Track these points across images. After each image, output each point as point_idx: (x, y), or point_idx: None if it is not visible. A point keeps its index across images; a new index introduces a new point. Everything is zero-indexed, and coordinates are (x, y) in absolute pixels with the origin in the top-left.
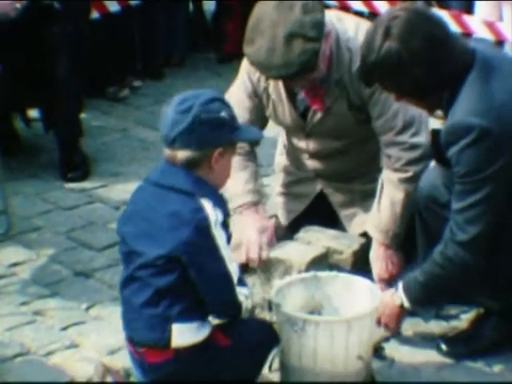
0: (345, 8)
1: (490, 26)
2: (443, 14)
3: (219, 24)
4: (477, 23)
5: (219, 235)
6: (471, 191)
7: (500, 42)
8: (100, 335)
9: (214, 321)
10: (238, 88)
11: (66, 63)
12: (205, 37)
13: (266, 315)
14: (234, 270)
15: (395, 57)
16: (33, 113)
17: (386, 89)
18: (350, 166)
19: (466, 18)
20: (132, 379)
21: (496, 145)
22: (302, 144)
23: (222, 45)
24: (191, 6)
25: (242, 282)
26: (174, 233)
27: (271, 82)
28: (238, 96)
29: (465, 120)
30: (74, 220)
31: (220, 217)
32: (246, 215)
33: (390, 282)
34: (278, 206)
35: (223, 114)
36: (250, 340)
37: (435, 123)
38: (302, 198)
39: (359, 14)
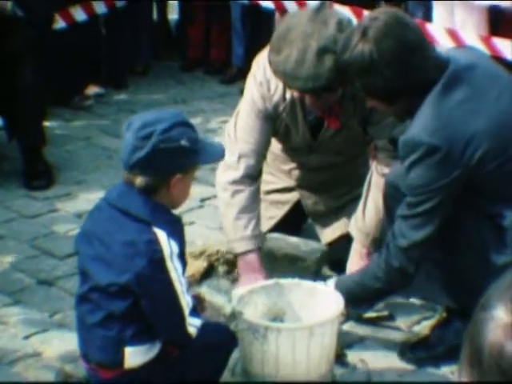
0: None
1: (451, 33)
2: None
3: (182, 31)
4: (438, 31)
5: (174, 268)
6: (419, 202)
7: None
8: (63, 343)
9: None
10: (250, 110)
11: (29, 71)
12: (168, 45)
13: None
14: (186, 302)
15: (367, 57)
16: None
17: (358, 89)
18: (336, 179)
19: (429, 25)
20: None
21: (444, 161)
22: (301, 159)
23: (185, 52)
24: (155, 14)
25: (195, 313)
26: (128, 262)
27: (288, 107)
28: (250, 118)
29: (415, 136)
30: (36, 228)
31: (175, 248)
32: (250, 263)
33: None
34: None
35: (183, 141)
36: (203, 345)
37: None
38: (281, 205)
39: None
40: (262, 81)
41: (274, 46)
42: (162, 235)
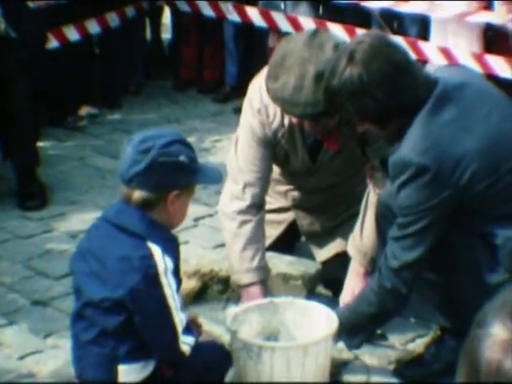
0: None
1: (444, 51)
2: (399, 40)
3: (176, 51)
4: (431, 49)
5: (168, 284)
6: (410, 223)
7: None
8: (58, 364)
9: None
10: (249, 138)
11: (23, 92)
12: (161, 64)
13: None
14: (180, 319)
15: (356, 80)
16: None
17: (349, 114)
18: (333, 199)
19: (422, 44)
20: None
21: (434, 181)
22: (299, 182)
23: (178, 71)
24: (149, 34)
25: (188, 331)
26: (122, 278)
27: (286, 133)
28: (250, 146)
29: (405, 156)
30: (31, 249)
31: (170, 264)
32: (254, 295)
33: None
34: None
35: (182, 157)
36: (198, 364)
37: None
38: (276, 225)
39: None
40: (260, 107)
41: (271, 73)
42: (156, 250)
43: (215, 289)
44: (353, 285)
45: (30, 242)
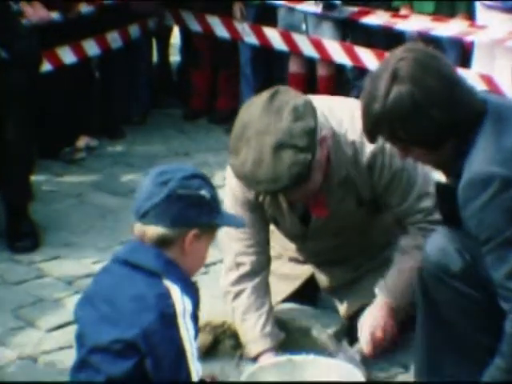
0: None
1: (487, 79)
2: None
3: (185, 75)
4: (473, 76)
5: (185, 327)
6: (508, 251)
7: None
8: None
9: None
10: (234, 204)
11: (15, 118)
12: (169, 90)
13: None
14: (196, 369)
15: (407, 100)
16: None
17: (396, 140)
18: (347, 254)
19: (461, 71)
20: None
21: None
22: (299, 245)
23: (188, 99)
24: (155, 56)
25: None
26: (135, 317)
27: (268, 198)
28: (234, 211)
29: (484, 170)
30: (21, 297)
31: (189, 307)
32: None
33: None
34: None
35: (203, 192)
36: None
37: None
38: (291, 280)
39: None
40: None
41: (232, 148)
42: (174, 290)
43: (228, 344)
44: (373, 321)
45: (19, 289)
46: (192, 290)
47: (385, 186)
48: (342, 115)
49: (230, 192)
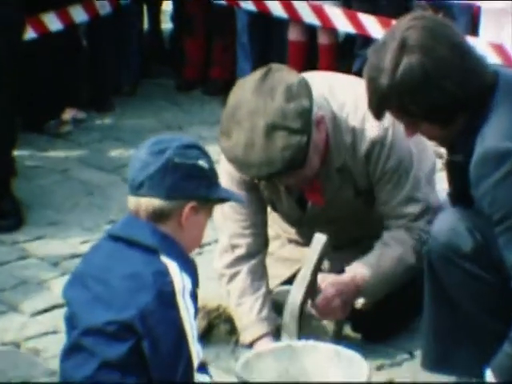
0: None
1: (498, 48)
2: None
3: (178, 43)
4: (483, 45)
5: (185, 306)
6: None
7: None
8: None
9: None
10: (230, 183)
11: None
12: (161, 59)
13: None
14: (196, 352)
15: (418, 71)
16: None
17: (404, 114)
18: (342, 241)
19: (472, 40)
20: None
21: None
22: (295, 229)
23: (180, 68)
24: (146, 24)
25: (203, 369)
26: (131, 297)
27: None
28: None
29: (498, 146)
30: (3, 279)
31: (188, 285)
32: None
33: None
34: None
35: (201, 162)
36: None
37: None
38: (290, 263)
39: None
40: None
41: (223, 129)
42: (173, 266)
43: (223, 328)
44: (338, 286)
45: (1, 270)
46: (191, 267)
47: (377, 179)
48: (344, 98)
49: (226, 171)
